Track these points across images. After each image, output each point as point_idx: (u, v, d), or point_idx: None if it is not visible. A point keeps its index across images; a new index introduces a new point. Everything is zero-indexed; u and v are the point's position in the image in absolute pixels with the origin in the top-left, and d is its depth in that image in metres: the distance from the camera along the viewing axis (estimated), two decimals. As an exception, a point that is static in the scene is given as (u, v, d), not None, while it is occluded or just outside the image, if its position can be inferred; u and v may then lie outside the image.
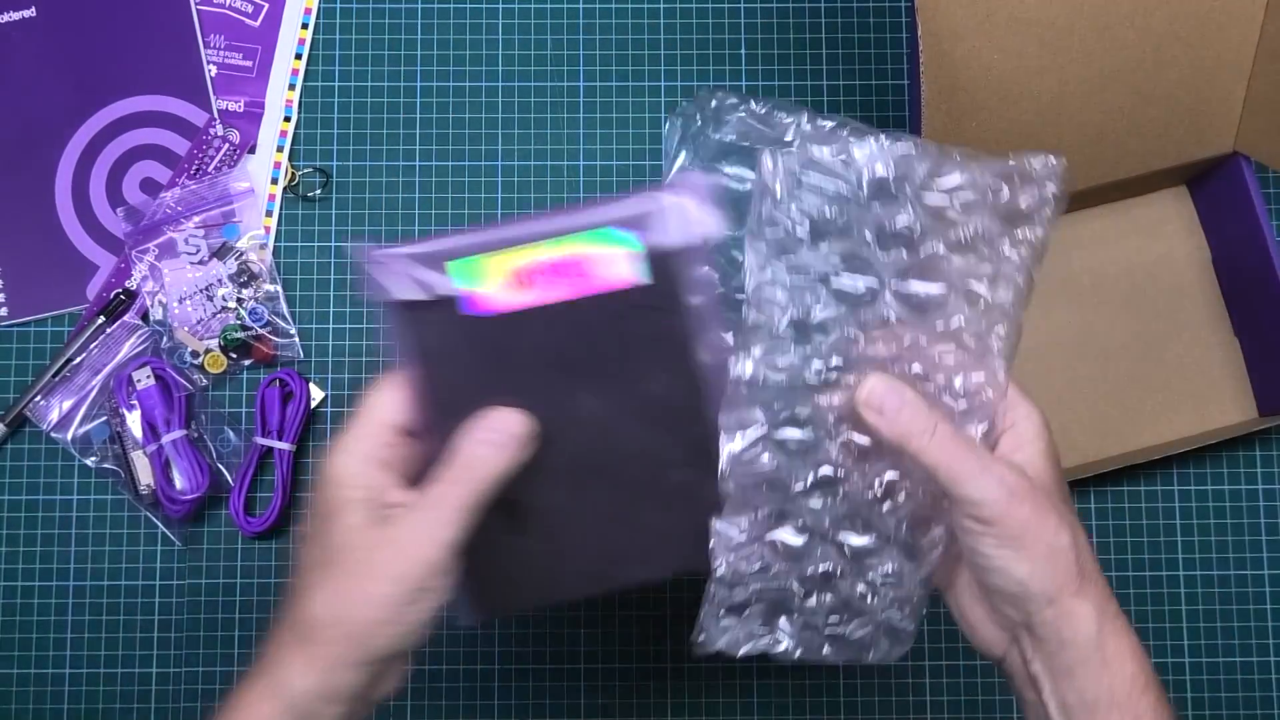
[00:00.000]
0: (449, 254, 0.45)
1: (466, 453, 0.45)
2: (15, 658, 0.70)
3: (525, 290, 0.46)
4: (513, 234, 0.45)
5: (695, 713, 0.71)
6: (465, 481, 0.45)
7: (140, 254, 0.72)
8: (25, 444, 0.72)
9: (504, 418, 0.46)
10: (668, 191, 0.46)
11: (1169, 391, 0.72)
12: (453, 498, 0.44)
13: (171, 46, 0.74)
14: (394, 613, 0.43)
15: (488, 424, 0.46)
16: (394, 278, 0.45)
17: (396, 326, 0.46)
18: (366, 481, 0.45)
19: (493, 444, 0.45)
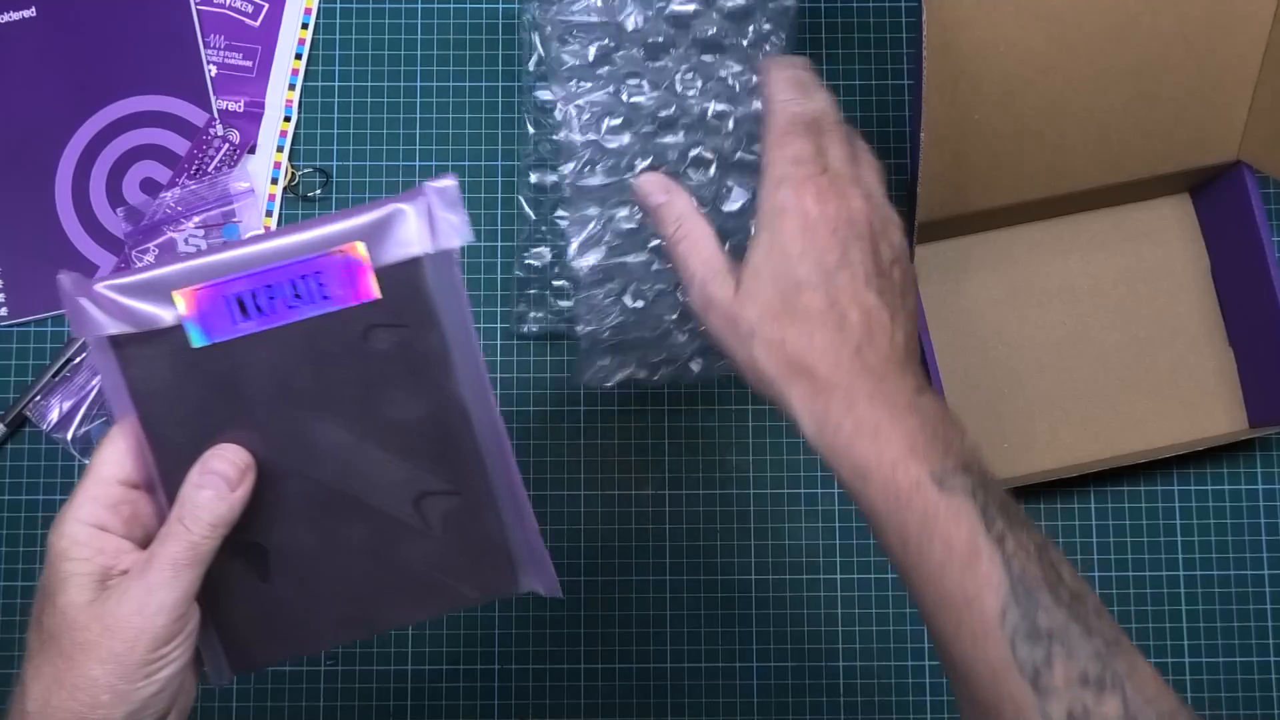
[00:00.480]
0: (165, 283, 0.42)
1: (183, 500, 0.42)
2: (15, 658, 0.70)
3: (250, 316, 0.43)
4: (235, 257, 0.42)
5: (695, 713, 0.71)
6: (180, 535, 0.42)
7: (140, 254, 0.72)
8: (25, 444, 0.72)
9: (219, 455, 0.43)
10: (408, 199, 0.43)
11: (1160, 397, 0.72)
12: (167, 556, 0.41)
13: (171, 46, 0.74)
14: (117, 694, 0.40)
15: (202, 466, 0.43)
16: (103, 311, 0.42)
17: (105, 365, 0.42)
18: (92, 551, 0.41)
19: (209, 486, 0.42)
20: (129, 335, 0.42)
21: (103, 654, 0.40)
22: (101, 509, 0.42)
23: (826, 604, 0.72)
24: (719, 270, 0.48)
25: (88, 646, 0.40)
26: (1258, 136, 0.67)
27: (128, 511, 0.43)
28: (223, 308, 0.42)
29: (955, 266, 0.73)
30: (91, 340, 0.42)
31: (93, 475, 0.43)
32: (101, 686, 0.40)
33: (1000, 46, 0.60)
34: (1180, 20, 0.62)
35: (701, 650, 0.71)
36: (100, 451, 0.43)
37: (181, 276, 0.42)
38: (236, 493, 0.43)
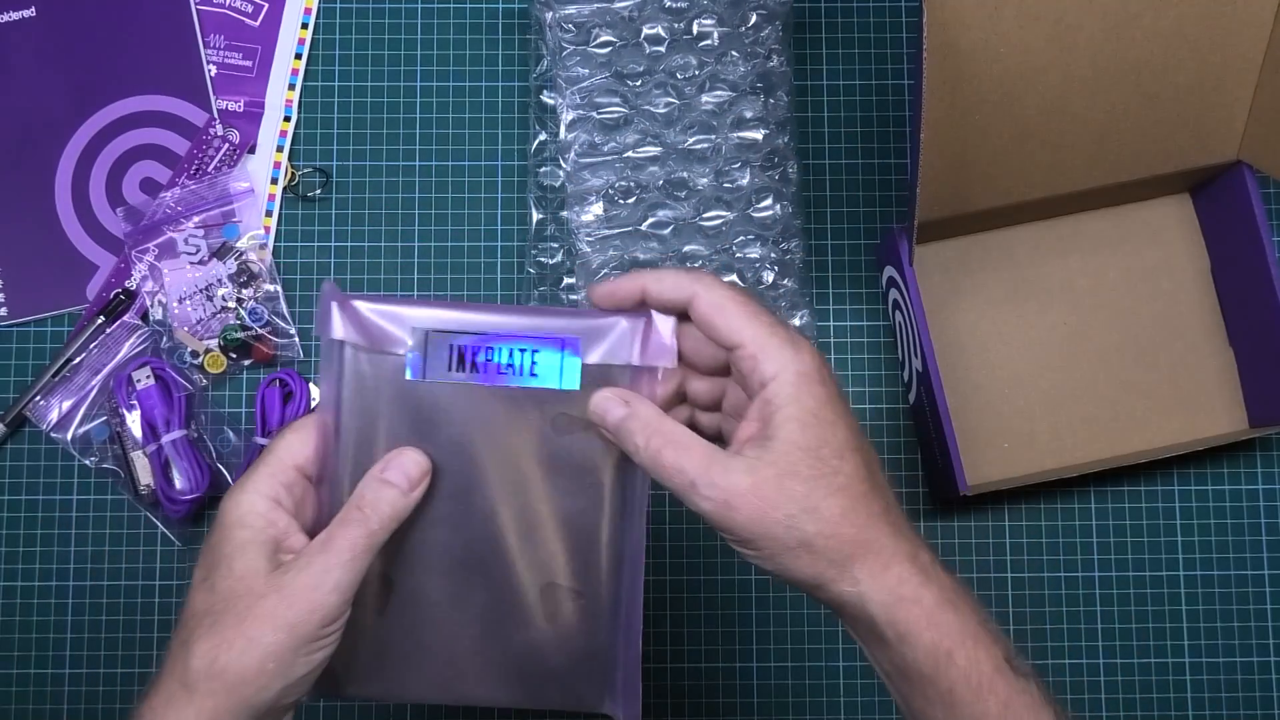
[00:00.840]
0: (407, 318, 0.46)
1: (364, 492, 0.45)
2: (15, 658, 0.70)
3: (463, 369, 0.47)
4: (472, 319, 0.47)
5: (695, 713, 0.71)
6: (359, 522, 0.44)
7: (140, 254, 0.72)
8: (25, 444, 0.72)
9: (405, 455, 0.46)
10: (631, 317, 0.47)
11: (1160, 397, 0.72)
12: (346, 539, 0.43)
13: (171, 46, 0.74)
14: (282, 663, 0.42)
15: (386, 463, 0.46)
16: (349, 321, 0.46)
17: (328, 364, 0.46)
18: (266, 522, 0.44)
19: (392, 484, 0.45)
20: (358, 346, 0.46)
21: (278, 622, 0.42)
22: (279, 486, 0.45)
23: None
24: (720, 459, 0.43)
25: (264, 613, 0.42)
26: (1258, 136, 0.67)
27: (299, 495, 0.46)
28: (443, 355, 0.47)
29: (955, 266, 0.73)
30: (326, 341, 0.46)
31: (274, 455, 0.46)
32: (270, 654, 0.41)
33: (1000, 46, 0.60)
34: (1180, 20, 0.62)
35: (701, 650, 0.71)
36: (284, 436, 0.46)
37: (422, 318, 0.46)
38: (413, 494, 0.45)
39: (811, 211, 0.74)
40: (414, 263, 0.74)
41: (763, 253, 0.70)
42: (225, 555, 0.43)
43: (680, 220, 0.70)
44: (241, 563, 0.43)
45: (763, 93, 0.71)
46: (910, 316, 0.68)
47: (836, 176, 0.75)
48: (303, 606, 0.42)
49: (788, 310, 0.70)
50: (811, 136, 0.75)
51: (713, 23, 0.71)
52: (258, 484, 0.45)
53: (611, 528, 0.47)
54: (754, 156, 0.71)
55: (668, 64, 0.71)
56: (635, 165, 0.70)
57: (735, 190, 0.71)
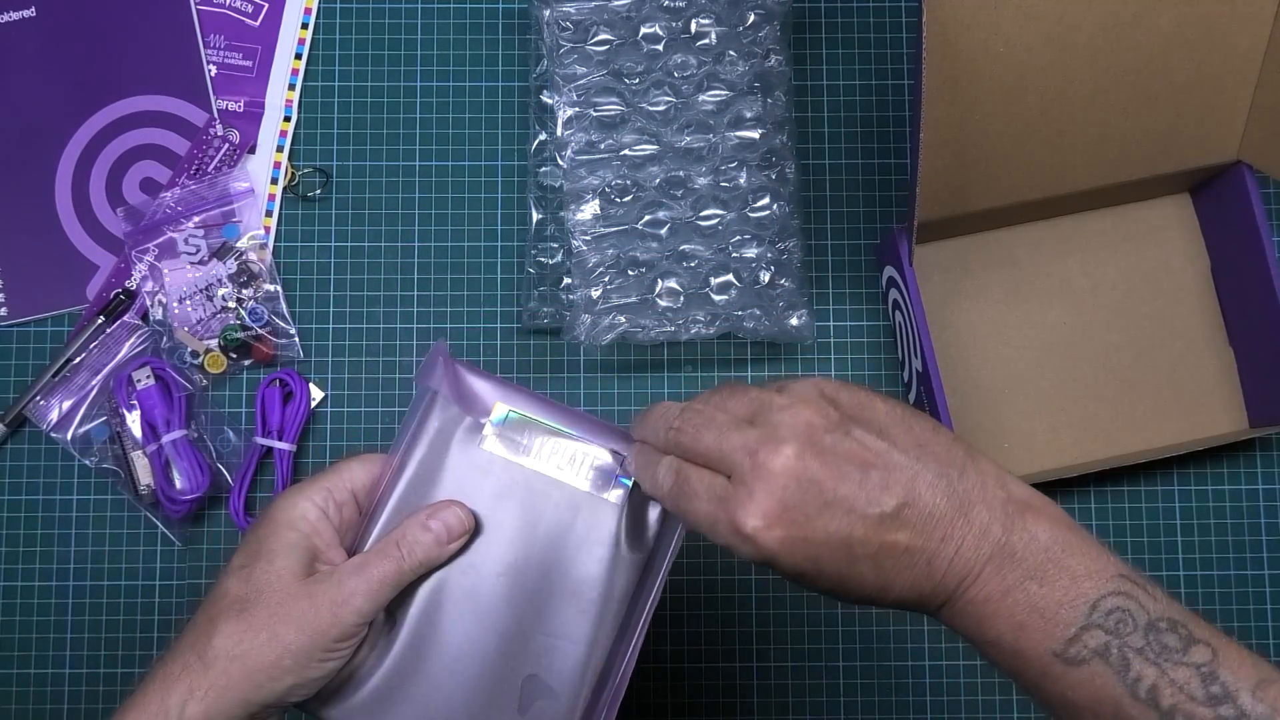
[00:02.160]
0: (498, 394, 0.51)
1: (408, 533, 0.48)
2: (15, 658, 0.70)
3: (530, 455, 0.51)
4: (556, 413, 0.51)
5: (695, 713, 0.71)
6: (394, 558, 0.47)
7: (140, 254, 0.72)
8: (25, 444, 0.72)
9: (451, 508, 0.49)
10: None
11: (1160, 397, 0.72)
12: (378, 571, 0.46)
13: (171, 46, 0.74)
14: (298, 662, 0.45)
15: (434, 510, 0.49)
16: (449, 378, 0.51)
17: (420, 411, 0.51)
18: (312, 530, 0.47)
19: (432, 531, 0.48)
20: (449, 404, 0.51)
21: (303, 625, 0.45)
22: (332, 502, 0.48)
23: (827, 604, 0.72)
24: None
25: (293, 614, 0.45)
26: (1258, 136, 0.67)
27: (347, 517, 0.49)
28: (516, 436, 0.51)
29: (955, 266, 0.73)
30: (422, 389, 0.51)
31: (336, 474, 0.49)
32: (291, 651, 0.44)
33: (1000, 46, 0.60)
34: (1180, 20, 0.62)
35: (701, 650, 0.71)
36: (350, 464, 0.50)
37: (514, 399, 0.51)
38: (450, 546, 0.49)
39: (811, 211, 0.74)
40: (414, 263, 0.74)
41: (760, 252, 0.70)
42: (269, 550, 0.46)
43: (677, 219, 0.70)
44: (282, 562, 0.46)
45: (761, 92, 0.71)
46: (910, 316, 0.68)
47: (836, 176, 0.75)
48: (327, 618, 0.45)
49: (786, 310, 0.70)
50: (811, 136, 0.75)
51: (711, 22, 0.71)
52: (314, 494, 0.48)
53: (605, 644, 0.50)
54: (751, 156, 0.71)
55: (666, 63, 0.71)
56: (633, 164, 0.70)
57: (733, 190, 0.71)
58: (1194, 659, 0.40)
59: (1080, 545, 0.42)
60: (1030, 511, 0.42)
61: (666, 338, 0.69)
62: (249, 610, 0.45)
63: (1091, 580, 0.41)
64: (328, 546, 0.48)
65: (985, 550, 0.41)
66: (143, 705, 0.44)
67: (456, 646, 0.49)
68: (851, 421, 0.42)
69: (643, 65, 0.71)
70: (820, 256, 0.74)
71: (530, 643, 0.49)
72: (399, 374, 0.73)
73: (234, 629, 0.45)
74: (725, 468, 0.42)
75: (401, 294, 0.73)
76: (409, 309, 0.73)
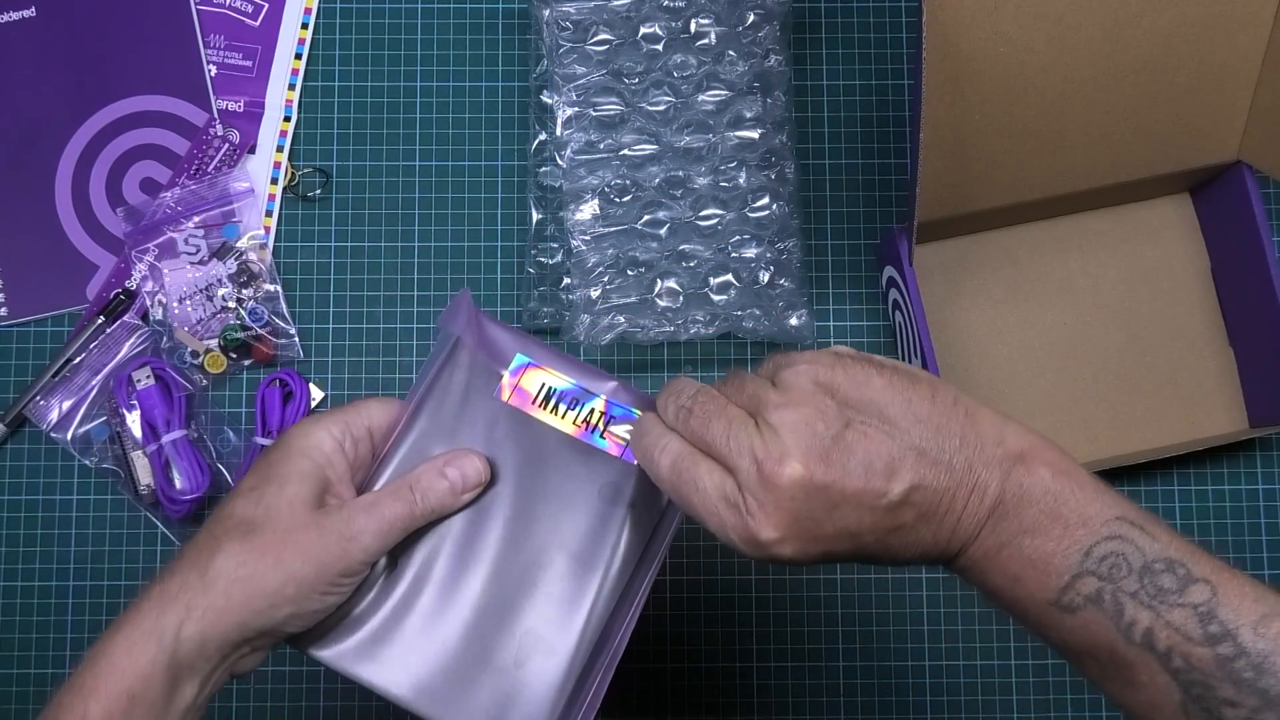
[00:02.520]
0: (520, 345, 0.51)
1: (424, 478, 0.47)
2: (15, 658, 0.70)
3: (544, 408, 0.51)
4: (579, 371, 0.51)
5: (695, 713, 0.71)
6: (406, 500, 0.47)
7: (140, 254, 0.72)
8: (25, 444, 0.72)
9: (471, 459, 0.48)
10: None
11: (1160, 397, 0.72)
12: (388, 511, 0.46)
13: (171, 46, 0.74)
14: (300, 591, 0.44)
15: (452, 457, 0.48)
16: (472, 326, 0.51)
17: (441, 357, 0.51)
18: (326, 461, 0.46)
19: (449, 480, 0.47)
20: (469, 351, 0.51)
21: (310, 553, 0.44)
22: (349, 436, 0.48)
23: (827, 604, 0.72)
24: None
25: (301, 542, 0.44)
26: (1258, 136, 0.67)
27: (362, 453, 0.48)
28: (534, 390, 0.51)
29: (955, 266, 0.73)
30: (445, 335, 0.51)
31: (354, 411, 0.49)
32: (295, 579, 0.44)
33: (1000, 46, 0.60)
34: (1180, 20, 0.62)
35: (701, 650, 0.71)
36: (370, 403, 0.49)
37: (533, 351, 0.51)
38: (463, 496, 0.48)
39: (811, 211, 0.74)
40: (414, 263, 0.74)
41: (759, 252, 0.70)
42: (281, 475, 0.45)
43: (677, 219, 0.70)
44: (294, 488, 0.45)
45: (760, 92, 0.71)
46: (910, 316, 0.68)
47: (836, 176, 0.75)
48: (335, 551, 0.44)
49: (785, 310, 0.70)
50: (811, 136, 0.75)
51: (710, 22, 0.71)
52: (332, 426, 0.47)
53: (607, 602, 0.49)
54: (751, 156, 0.71)
55: (665, 63, 0.71)
56: (632, 164, 0.70)
57: (732, 189, 0.71)
58: (1191, 599, 0.39)
59: (1076, 491, 0.42)
60: (1024, 463, 0.42)
61: (666, 338, 0.69)
62: (255, 533, 0.44)
63: (1085, 527, 0.41)
64: (339, 480, 0.47)
65: (983, 512, 0.42)
66: (136, 622, 0.43)
67: (456, 596, 0.48)
68: (850, 409, 0.42)
69: (642, 65, 0.71)
70: (820, 256, 0.74)
71: (531, 597, 0.49)
72: (399, 374, 0.73)
73: (239, 550, 0.44)
74: (730, 466, 0.42)
75: (401, 294, 0.73)
76: (409, 309, 0.73)
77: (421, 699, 0.48)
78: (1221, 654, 0.38)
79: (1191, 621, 0.39)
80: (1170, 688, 0.39)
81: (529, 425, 0.50)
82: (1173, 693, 0.39)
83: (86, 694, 0.42)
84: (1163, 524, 0.42)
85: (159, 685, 0.43)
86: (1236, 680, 0.38)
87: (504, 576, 0.49)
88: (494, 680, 0.48)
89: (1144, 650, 0.39)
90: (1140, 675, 0.40)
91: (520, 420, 0.50)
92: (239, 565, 0.43)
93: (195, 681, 0.44)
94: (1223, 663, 0.38)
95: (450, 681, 0.48)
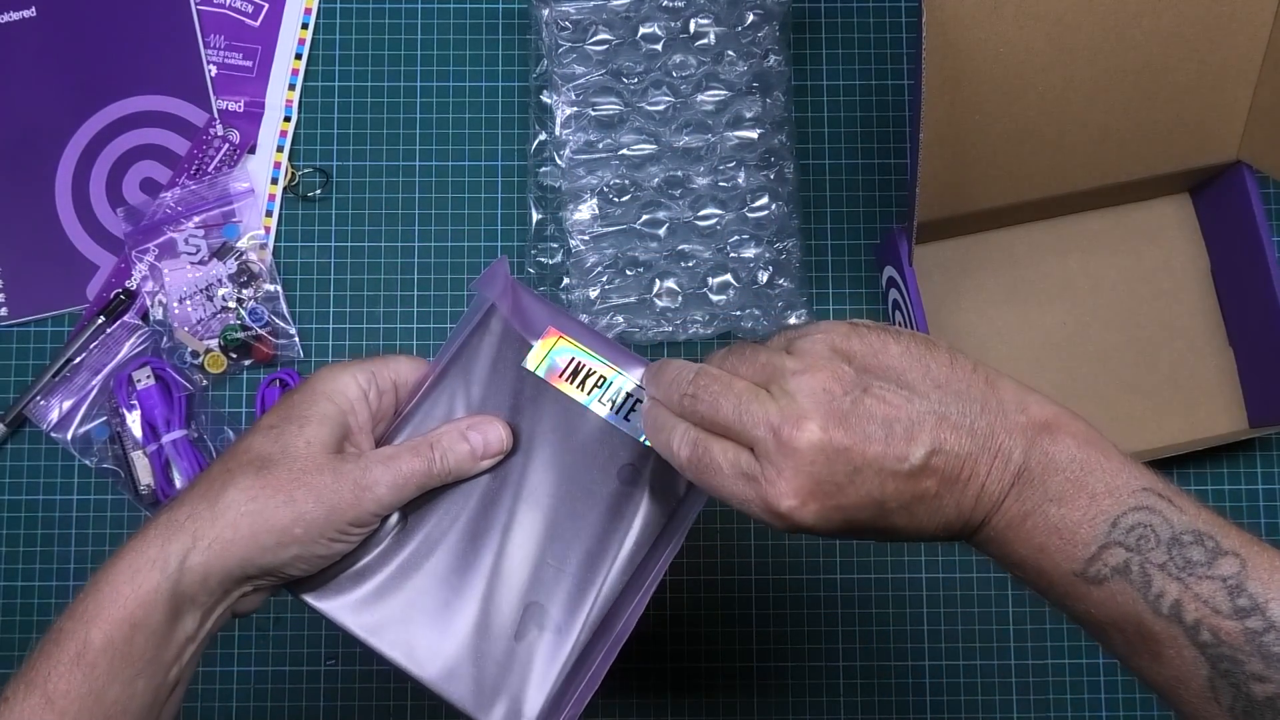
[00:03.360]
0: (551, 319, 0.51)
1: (444, 439, 0.47)
2: (15, 658, 0.70)
3: (570, 381, 0.50)
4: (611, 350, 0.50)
5: (695, 713, 0.71)
6: (426, 458, 0.46)
7: (140, 254, 0.72)
8: (25, 444, 0.72)
9: (495, 425, 0.48)
10: None
11: (1160, 397, 0.72)
12: (406, 467, 0.46)
13: (171, 46, 0.74)
14: (308, 533, 0.43)
15: (476, 421, 0.48)
16: (507, 293, 0.50)
17: (473, 321, 0.50)
18: (349, 406, 0.46)
19: (470, 443, 0.47)
20: (503, 318, 0.50)
21: (323, 496, 0.44)
22: (373, 384, 0.47)
23: (827, 604, 0.72)
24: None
25: (315, 484, 0.44)
26: (1258, 136, 0.67)
27: (385, 406, 0.48)
28: (564, 364, 0.50)
29: (955, 266, 0.73)
30: (480, 298, 0.50)
31: (382, 363, 0.48)
32: (305, 520, 0.43)
33: (1000, 46, 0.60)
34: (1180, 20, 0.62)
35: (701, 650, 0.71)
36: (400, 358, 0.49)
37: (567, 326, 0.51)
38: (482, 463, 0.48)
39: (811, 211, 0.74)
40: (414, 263, 0.74)
41: (758, 252, 0.70)
42: (303, 416, 0.45)
43: (676, 219, 0.70)
44: (314, 430, 0.45)
45: (759, 92, 0.71)
46: (910, 317, 0.68)
47: (836, 176, 0.75)
48: (348, 498, 0.44)
49: (784, 310, 0.70)
50: (811, 136, 0.75)
51: (710, 22, 0.71)
52: (359, 373, 0.47)
53: (615, 583, 0.49)
54: (750, 156, 0.71)
55: (665, 63, 0.71)
56: (631, 164, 0.70)
57: (731, 189, 0.71)
58: (1220, 571, 0.38)
59: (1103, 461, 0.41)
60: (1049, 432, 0.42)
61: (665, 338, 0.69)
62: (270, 469, 0.43)
63: (1112, 497, 0.40)
64: (360, 429, 0.47)
65: (1007, 479, 0.41)
66: (141, 549, 0.43)
67: (464, 561, 0.48)
68: (868, 375, 0.41)
69: (642, 65, 0.71)
70: (820, 256, 0.74)
71: (540, 570, 0.48)
72: (399, 374, 0.73)
73: (251, 484, 0.43)
74: (746, 441, 0.41)
75: (401, 294, 0.73)
76: (409, 309, 0.73)
77: (412, 660, 0.47)
78: (1250, 627, 0.38)
79: (1220, 594, 0.38)
80: (1198, 662, 0.38)
81: (554, 399, 0.50)
82: (1200, 667, 0.38)
83: (89, 620, 0.42)
84: (1190, 496, 0.41)
85: (161, 613, 0.42)
86: (1266, 654, 0.37)
87: (514, 547, 0.48)
88: (491, 649, 0.47)
89: (1172, 623, 0.39)
90: (1167, 649, 0.39)
91: (546, 392, 0.50)
92: (250, 499, 0.43)
93: (196, 614, 0.44)
94: (1251, 636, 0.38)
95: (446, 645, 0.47)
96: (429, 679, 0.47)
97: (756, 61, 0.71)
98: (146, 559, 0.43)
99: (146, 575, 0.42)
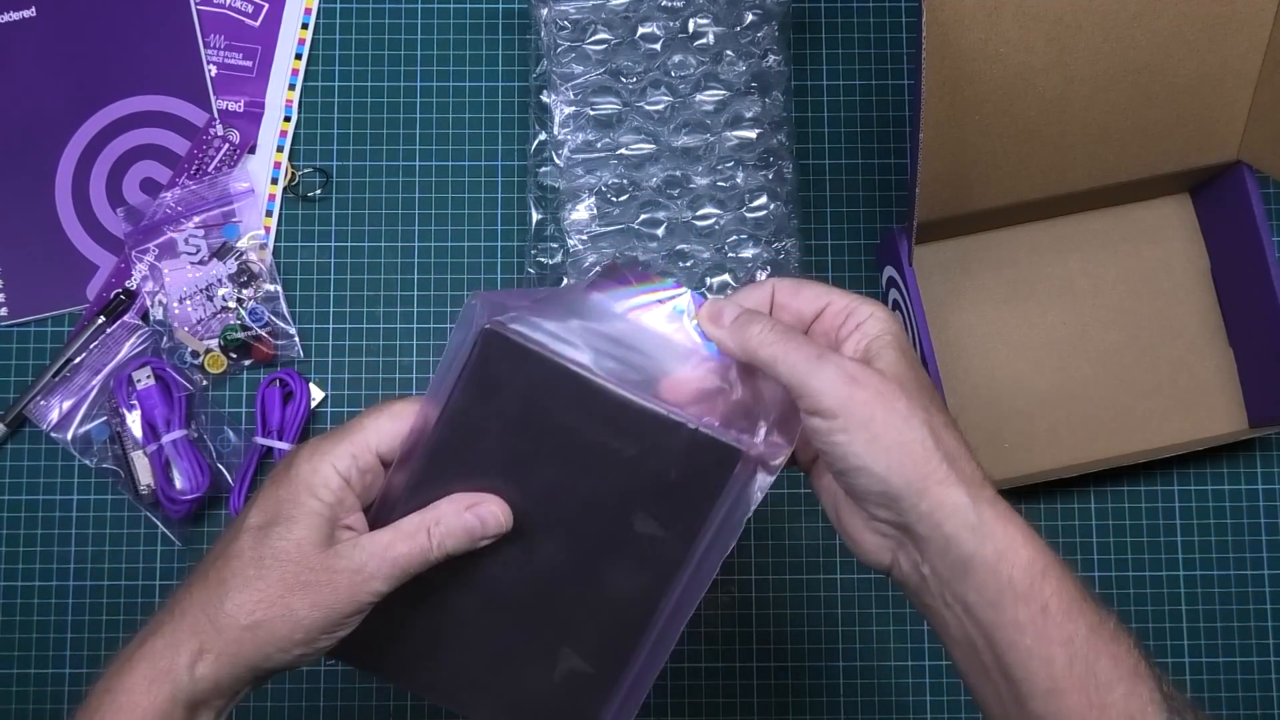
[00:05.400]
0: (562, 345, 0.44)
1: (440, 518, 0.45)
2: (15, 658, 0.70)
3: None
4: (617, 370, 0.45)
5: (695, 713, 0.71)
6: (421, 543, 0.45)
7: (140, 254, 0.72)
8: (25, 444, 0.72)
9: (493, 505, 0.46)
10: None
11: (1160, 397, 0.72)
12: (401, 554, 0.45)
13: (171, 46, 0.74)
14: (309, 636, 0.44)
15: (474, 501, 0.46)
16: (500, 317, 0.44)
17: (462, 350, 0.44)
18: (334, 498, 0.45)
19: (471, 524, 0.45)
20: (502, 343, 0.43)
21: (320, 601, 0.44)
22: (355, 468, 0.45)
23: (826, 604, 0.72)
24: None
25: (310, 586, 0.44)
26: (1258, 136, 0.67)
27: (369, 481, 0.46)
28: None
29: (955, 266, 0.73)
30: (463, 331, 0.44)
31: (361, 433, 0.46)
32: (304, 627, 0.44)
33: (1000, 47, 0.60)
34: (1180, 20, 0.62)
35: (701, 650, 0.71)
36: (376, 418, 0.46)
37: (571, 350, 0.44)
38: (481, 544, 0.46)
39: (811, 211, 0.74)
40: (414, 263, 0.74)
41: (757, 252, 0.70)
42: (289, 516, 0.45)
43: (675, 219, 0.70)
44: (302, 530, 0.44)
45: (759, 92, 0.71)
46: (910, 317, 0.68)
47: (835, 176, 0.75)
48: (345, 596, 0.44)
49: None
50: (811, 136, 0.75)
51: (709, 21, 0.71)
52: (338, 458, 0.45)
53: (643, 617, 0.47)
54: (749, 156, 0.71)
55: (664, 62, 0.71)
56: (630, 164, 0.70)
57: (730, 189, 0.71)
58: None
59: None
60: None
61: None
62: (264, 577, 0.44)
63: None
64: (349, 512, 0.46)
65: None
66: (151, 659, 0.44)
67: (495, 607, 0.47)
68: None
69: (641, 65, 0.71)
70: (820, 257, 0.74)
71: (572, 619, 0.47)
72: (399, 374, 0.73)
73: (248, 599, 0.44)
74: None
75: (401, 294, 0.74)
76: (409, 309, 0.73)
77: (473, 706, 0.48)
78: None
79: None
80: None
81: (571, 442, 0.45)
82: None
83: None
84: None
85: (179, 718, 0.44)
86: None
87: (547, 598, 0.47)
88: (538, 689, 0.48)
89: None
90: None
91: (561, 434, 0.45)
92: (249, 614, 0.44)
93: (211, 714, 0.45)
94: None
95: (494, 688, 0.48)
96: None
97: (755, 61, 0.71)
98: (158, 670, 0.44)
99: (160, 687, 0.43)
